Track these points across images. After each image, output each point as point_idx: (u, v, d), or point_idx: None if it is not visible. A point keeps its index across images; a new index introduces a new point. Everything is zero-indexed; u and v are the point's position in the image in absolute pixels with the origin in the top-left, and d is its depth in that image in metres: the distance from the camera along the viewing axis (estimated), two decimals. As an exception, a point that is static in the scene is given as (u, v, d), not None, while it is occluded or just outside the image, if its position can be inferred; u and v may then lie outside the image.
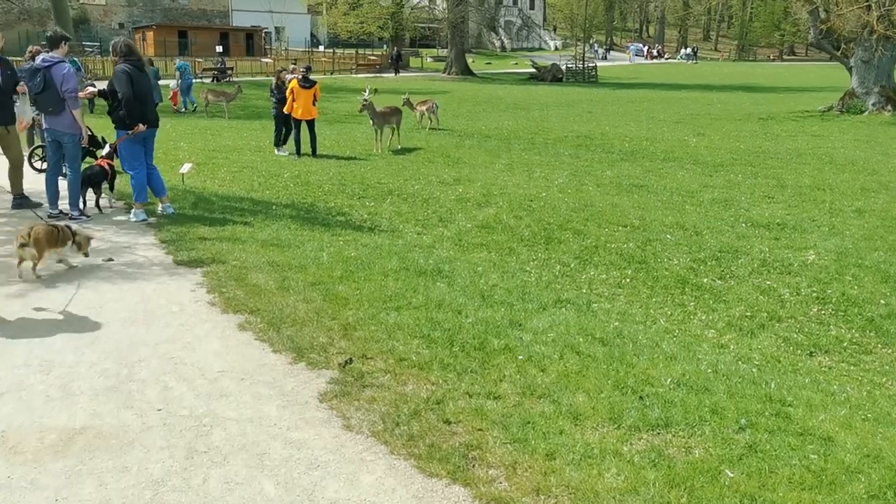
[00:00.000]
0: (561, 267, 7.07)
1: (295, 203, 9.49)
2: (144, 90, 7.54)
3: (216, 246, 6.69)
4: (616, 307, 6.00)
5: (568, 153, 15.41)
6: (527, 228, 8.42)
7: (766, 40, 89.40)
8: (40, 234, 5.67)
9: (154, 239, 7.05)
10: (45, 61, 7.42)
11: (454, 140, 17.10)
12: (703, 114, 25.38)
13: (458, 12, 45.42)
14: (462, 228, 8.44)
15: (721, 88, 40.08)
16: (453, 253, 7.35)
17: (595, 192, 10.80)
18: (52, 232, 5.79)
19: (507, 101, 29.69)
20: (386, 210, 9.30)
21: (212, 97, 21.87)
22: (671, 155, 15.47)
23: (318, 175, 11.70)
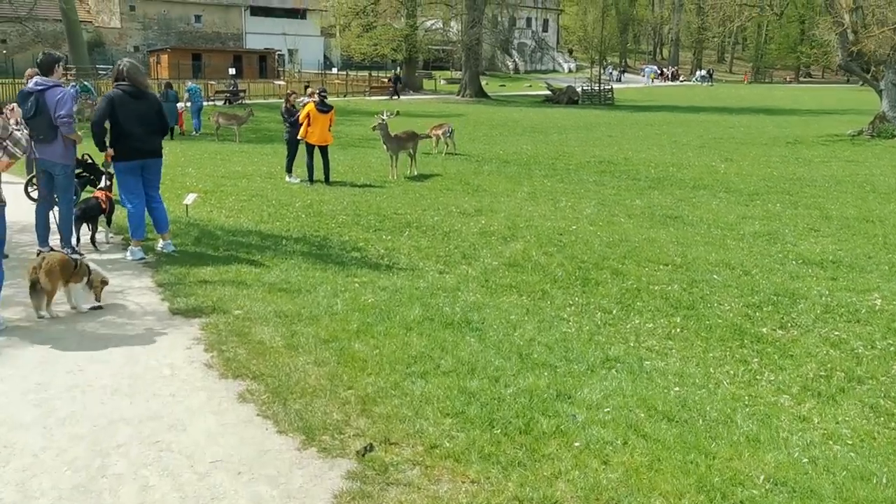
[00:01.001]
0: (602, 314, 6.33)
1: (306, 236, 8.82)
2: (131, 118, 6.89)
3: (218, 291, 6.00)
4: (671, 366, 5.24)
5: (592, 180, 14.71)
6: (559, 267, 7.69)
7: (781, 62, 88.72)
8: (54, 264, 5.21)
9: (150, 281, 6.37)
10: (39, 85, 6.80)
11: (472, 166, 16.45)
12: (727, 137, 24.66)
13: (472, 34, 45.03)
14: (488, 266, 7.72)
15: (740, 111, 39.39)
16: (481, 297, 6.62)
17: (628, 225, 10.07)
18: (68, 263, 5.36)
19: (524, 125, 29.09)
20: (404, 245, 8.61)
21: (223, 120, 21.37)
22: (701, 182, 14.73)
23: (331, 204, 11.04)
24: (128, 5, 55.63)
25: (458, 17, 49.75)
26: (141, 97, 7.10)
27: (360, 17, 50.08)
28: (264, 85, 43.23)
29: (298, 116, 13.77)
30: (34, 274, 5.21)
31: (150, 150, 7.15)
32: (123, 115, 6.92)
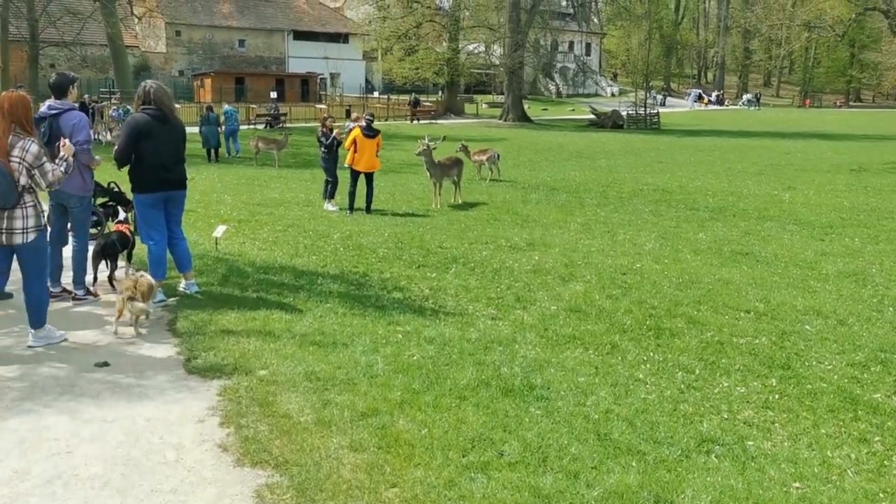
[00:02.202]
0: (683, 374, 5.43)
1: (344, 273, 8.07)
2: (157, 145, 6.23)
3: (242, 344, 5.25)
4: (779, 447, 4.33)
5: (648, 210, 13.78)
6: (627, 314, 6.80)
7: (830, 86, 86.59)
8: (146, 286, 5.63)
9: (166, 331, 5.65)
10: (52, 108, 6.19)
11: (519, 193, 15.63)
12: (785, 164, 23.48)
13: (515, 58, 44.45)
14: (545, 312, 6.87)
15: (793, 136, 37.98)
16: (541, 351, 5.77)
17: (695, 262, 9.13)
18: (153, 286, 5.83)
19: (570, 150, 28.23)
20: (451, 284, 7.80)
21: (262, 145, 20.91)
22: (766, 213, 13.70)
23: (371, 236, 10.31)
24: (173, 30, 56.36)
25: (500, 41, 49.24)
26: (167, 123, 6.45)
27: (402, 41, 49.93)
28: (305, 108, 43.09)
29: (335, 141, 13.16)
30: (131, 293, 5.48)
31: (175, 181, 6.49)
32: (149, 142, 6.27)
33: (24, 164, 4.97)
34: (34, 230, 5.11)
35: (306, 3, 63.66)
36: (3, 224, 5.03)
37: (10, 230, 5.04)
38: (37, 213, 5.11)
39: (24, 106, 5.07)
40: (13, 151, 4.96)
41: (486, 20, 50.57)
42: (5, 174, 4.91)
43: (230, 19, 58.93)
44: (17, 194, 4.99)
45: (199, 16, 57.56)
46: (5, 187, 4.91)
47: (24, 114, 5.03)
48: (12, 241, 5.04)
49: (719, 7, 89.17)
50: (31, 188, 5.10)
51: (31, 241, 5.08)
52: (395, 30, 49.87)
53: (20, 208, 5.02)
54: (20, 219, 5.03)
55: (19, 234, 5.05)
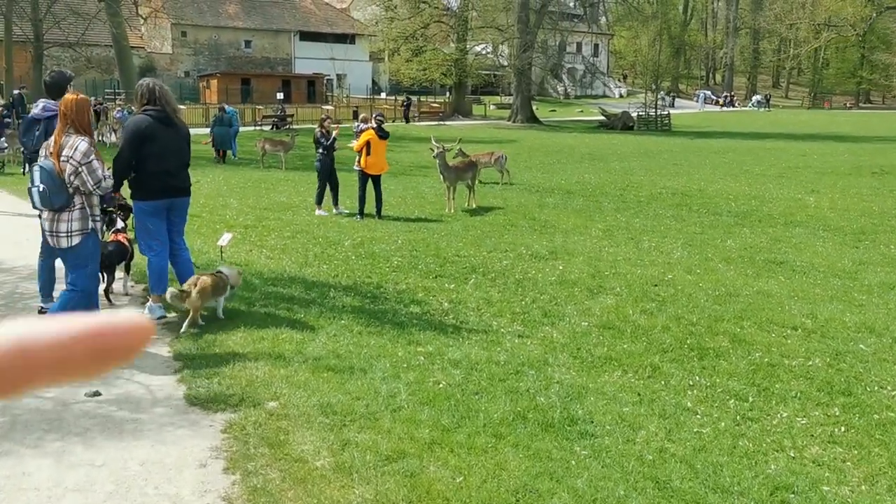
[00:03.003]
0: (737, 403, 4.91)
1: (358, 285, 7.57)
2: (161, 149, 5.74)
3: (249, 369, 4.75)
4: (858, 494, 3.81)
5: (669, 215, 13.25)
6: (665, 331, 6.28)
7: (840, 88, 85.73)
8: (206, 285, 5.63)
9: (166, 353, 5.15)
10: (47, 110, 5.71)
11: (534, 197, 15.11)
12: (803, 166, 22.89)
13: (525, 58, 43.91)
14: (576, 329, 6.36)
15: (806, 138, 37.31)
16: (576, 374, 5.26)
17: (729, 273, 8.60)
18: (218, 283, 5.82)
19: (581, 151, 27.69)
20: (471, 296, 7.29)
21: (269, 147, 20.43)
22: (792, 218, 13.15)
23: (384, 243, 9.81)
24: (179, 31, 55.99)
25: (508, 42, 48.71)
26: (172, 124, 5.96)
27: (409, 42, 49.42)
28: (312, 110, 42.63)
29: (333, 143, 12.65)
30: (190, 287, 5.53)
31: (180, 188, 6.00)
32: (153, 146, 5.77)
33: (71, 162, 4.84)
34: (79, 234, 4.96)
35: (313, 3, 63.24)
36: (53, 226, 4.95)
37: (56, 233, 4.94)
38: (83, 217, 4.97)
39: (82, 108, 4.97)
40: (63, 150, 4.84)
41: (494, 20, 50.06)
42: (53, 174, 4.80)
43: (236, 20, 58.54)
44: (68, 196, 4.85)
45: (205, 16, 57.18)
46: (53, 187, 4.79)
47: (80, 116, 4.93)
48: (59, 243, 4.96)
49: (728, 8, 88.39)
50: (81, 190, 4.94)
51: (75, 244, 4.94)
52: (403, 30, 49.35)
53: (68, 211, 4.91)
54: (66, 221, 4.92)
55: (64, 238, 4.94)
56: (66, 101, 4.94)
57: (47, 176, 4.84)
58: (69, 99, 4.97)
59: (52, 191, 4.83)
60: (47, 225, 5.02)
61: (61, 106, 4.98)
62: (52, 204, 4.86)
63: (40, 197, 4.87)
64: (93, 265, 5.18)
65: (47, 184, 4.83)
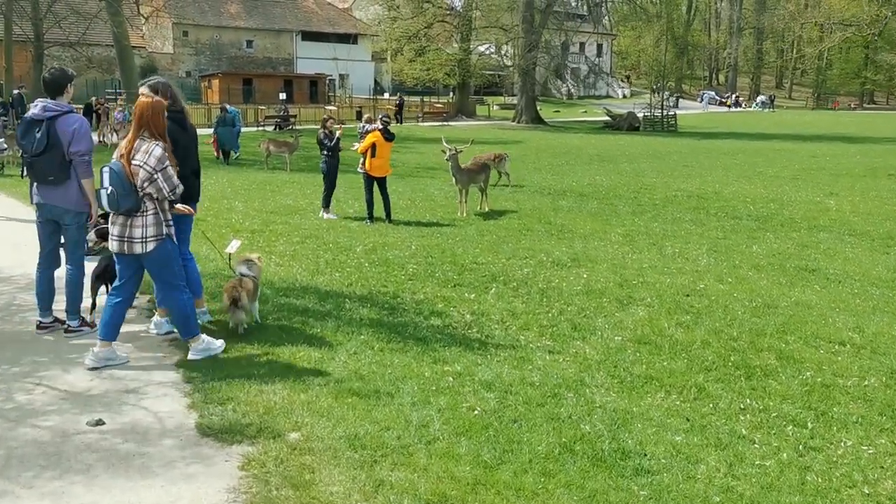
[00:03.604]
0: (795, 430, 4.51)
1: (373, 295, 7.17)
2: (179, 155, 5.34)
3: (266, 393, 4.35)
4: (950, 540, 3.42)
5: (688, 219, 12.86)
6: (705, 347, 5.88)
7: (844, 88, 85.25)
8: (250, 284, 5.66)
9: (176, 374, 4.75)
10: (48, 110, 5.30)
11: (547, 200, 14.73)
12: (816, 168, 22.50)
13: (529, 58, 43.51)
14: (610, 343, 5.96)
15: (814, 139, 36.88)
16: (617, 397, 4.86)
17: (761, 281, 8.20)
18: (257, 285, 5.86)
19: (589, 153, 27.29)
20: (494, 308, 6.89)
21: (273, 147, 20.04)
22: (815, 222, 12.77)
23: (397, 249, 9.41)
24: (181, 31, 55.61)
25: (512, 42, 48.30)
26: (185, 126, 5.59)
27: (412, 42, 49.03)
28: (315, 110, 42.24)
29: (337, 144, 12.29)
30: (235, 292, 5.46)
31: (189, 195, 5.59)
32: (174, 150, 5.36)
33: (146, 168, 4.72)
34: (154, 239, 4.84)
35: (315, 3, 62.86)
36: (124, 231, 4.82)
37: (130, 238, 4.82)
38: (157, 222, 4.86)
39: (158, 112, 4.85)
40: (136, 155, 4.74)
41: (497, 20, 49.65)
42: (123, 177, 4.68)
43: (238, 19, 58.16)
44: (136, 200, 4.73)
45: (207, 16, 56.80)
46: (122, 190, 4.67)
47: (155, 120, 4.82)
48: (133, 249, 4.84)
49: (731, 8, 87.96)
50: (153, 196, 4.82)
51: (150, 250, 4.84)
52: (406, 30, 48.96)
53: (140, 216, 4.79)
54: (139, 227, 4.80)
55: (138, 244, 4.82)
56: (142, 105, 4.80)
57: (116, 178, 4.70)
58: (146, 103, 4.83)
59: (121, 193, 4.69)
60: (117, 230, 4.84)
61: (136, 109, 4.82)
62: (119, 207, 4.72)
63: (108, 199, 4.72)
64: (175, 265, 5.07)
65: (116, 186, 4.69)
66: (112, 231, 4.91)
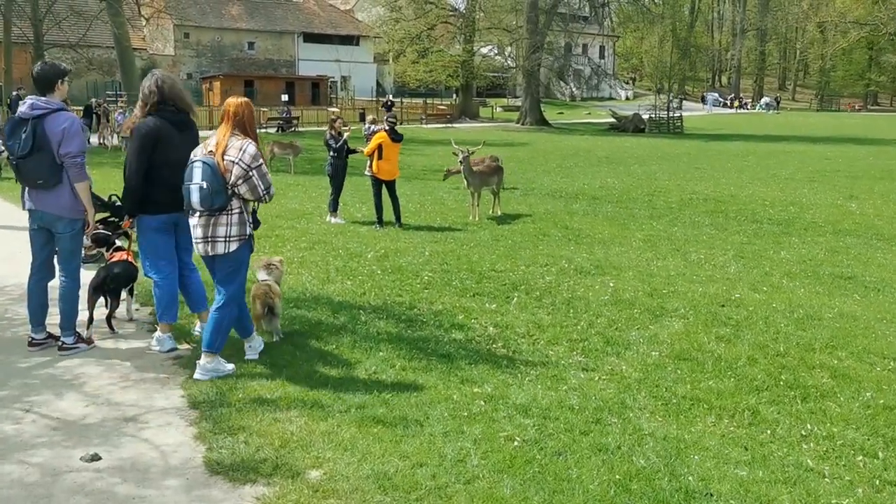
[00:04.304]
0: (867, 460, 4.07)
1: (389, 306, 6.73)
2: (171, 157, 4.91)
3: (282, 423, 3.91)
4: None
5: (708, 223, 12.42)
6: (752, 364, 5.44)
7: (848, 90, 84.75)
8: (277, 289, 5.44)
9: (180, 397, 4.31)
10: (36, 108, 4.86)
11: (560, 203, 14.30)
12: (831, 170, 22.06)
13: (534, 59, 43.08)
14: (647, 360, 5.52)
15: (823, 140, 36.43)
16: (664, 422, 4.42)
17: (798, 291, 7.76)
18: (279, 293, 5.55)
19: (597, 154, 26.85)
20: (518, 319, 6.45)
21: (278, 150, 19.62)
22: (840, 226, 12.34)
23: (409, 255, 8.97)
24: (182, 32, 55.21)
25: (515, 43, 47.89)
26: (187, 127, 5.11)
27: (414, 44, 48.60)
28: (317, 112, 41.83)
29: (346, 145, 11.90)
30: (268, 299, 5.23)
31: None
32: (169, 153, 4.95)
33: (241, 165, 4.58)
34: (237, 239, 4.68)
35: (316, 4, 62.47)
36: (207, 231, 4.63)
37: (213, 238, 4.65)
38: (242, 221, 4.70)
39: (249, 111, 4.77)
40: (229, 151, 4.61)
41: (501, 22, 49.25)
42: (217, 173, 4.53)
43: (239, 21, 57.75)
44: (227, 198, 4.58)
45: (208, 17, 56.40)
46: (217, 185, 4.52)
47: (248, 118, 4.74)
48: (215, 249, 4.66)
49: (734, 9, 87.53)
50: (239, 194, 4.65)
51: (232, 250, 4.67)
52: (408, 32, 48.55)
53: (226, 215, 4.62)
54: (224, 226, 4.64)
55: (221, 243, 4.65)
56: (237, 104, 4.72)
57: (211, 173, 4.50)
58: (242, 101, 4.76)
59: (215, 190, 4.50)
60: (200, 231, 4.64)
61: (228, 107, 4.70)
62: (212, 203, 4.53)
63: (200, 195, 4.51)
64: (244, 272, 4.91)
65: (210, 182, 4.50)
66: (194, 234, 4.69)
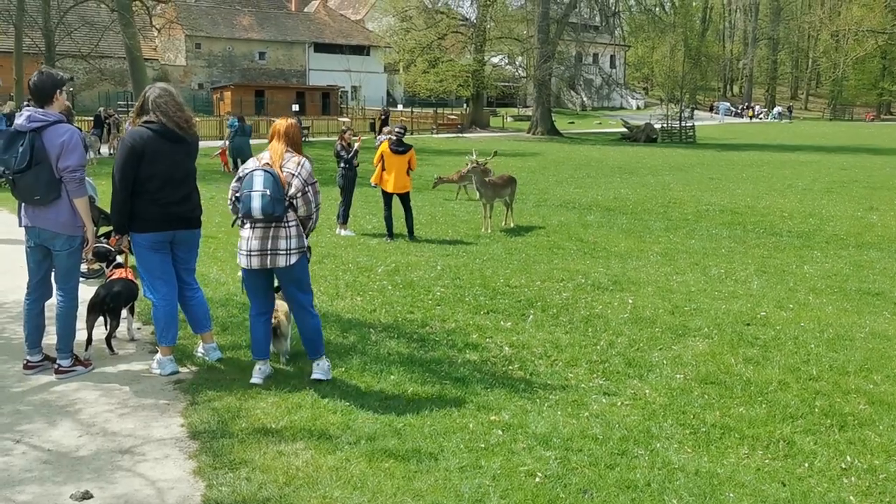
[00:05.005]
0: (916, 500, 3.78)
1: (400, 324, 6.49)
2: (161, 170, 4.69)
3: (286, 456, 3.66)
4: None
5: (725, 235, 12.12)
6: (784, 389, 5.15)
7: (861, 99, 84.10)
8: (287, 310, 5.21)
9: (179, 426, 4.07)
10: (33, 120, 4.65)
11: (574, 215, 14.03)
12: (848, 181, 21.69)
13: (545, 69, 42.88)
14: (671, 383, 5.24)
15: (837, 150, 36.03)
16: (694, 454, 4.14)
17: (827, 309, 7.45)
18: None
19: (609, 165, 26.57)
20: (535, 339, 6.19)
21: (286, 160, 19.44)
22: (862, 239, 12.01)
23: (421, 270, 8.74)
24: (193, 43, 55.38)
25: (526, 53, 47.72)
26: (176, 140, 4.85)
27: (425, 54, 48.51)
28: (328, 122, 41.75)
29: (356, 156, 11.74)
30: (274, 319, 5.08)
31: (185, 218, 4.91)
32: (152, 166, 4.72)
33: (299, 178, 4.69)
34: (297, 252, 4.72)
35: (327, 15, 62.58)
36: (266, 244, 4.63)
37: (275, 251, 4.64)
38: (299, 234, 4.75)
39: (297, 131, 4.93)
40: (287, 164, 4.71)
41: (511, 31, 49.12)
42: (279, 183, 4.58)
43: (250, 31, 57.89)
44: (284, 209, 4.62)
45: (219, 28, 56.56)
46: (278, 194, 4.55)
47: (297, 138, 4.89)
48: (276, 262, 4.66)
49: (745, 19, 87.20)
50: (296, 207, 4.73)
51: (293, 263, 4.69)
52: (419, 42, 48.48)
53: (284, 227, 4.65)
54: (284, 238, 4.65)
55: (283, 256, 4.66)
56: (285, 124, 4.85)
57: (272, 182, 4.53)
58: (289, 122, 4.89)
59: (276, 198, 4.53)
60: (257, 243, 4.63)
61: (280, 127, 4.82)
62: (273, 211, 4.53)
63: (263, 202, 4.50)
64: (309, 280, 4.98)
65: (273, 191, 4.51)
66: (251, 245, 4.65)
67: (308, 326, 4.86)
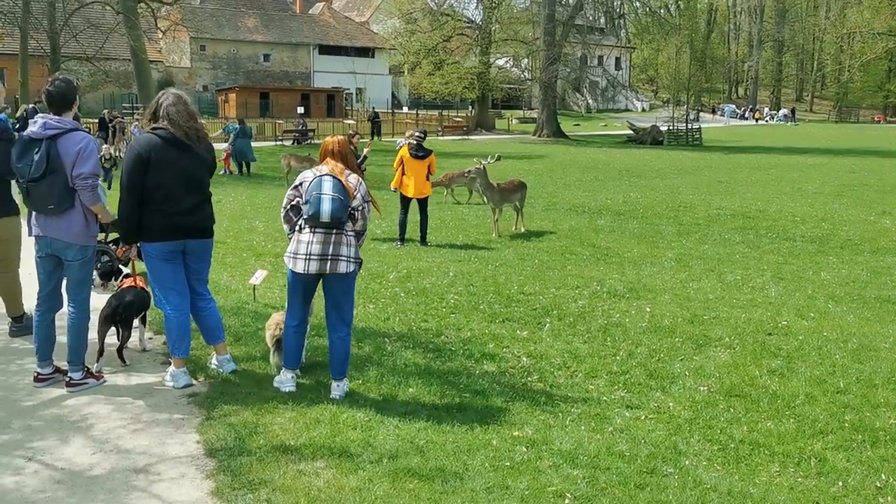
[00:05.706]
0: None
1: (414, 333, 6.38)
2: (170, 178, 4.59)
3: (307, 476, 3.55)
4: None
5: (738, 240, 11.99)
6: (811, 403, 5.02)
7: (867, 101, 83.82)
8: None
9: (195, 443, 3.95)
10: (49, 128, 4.54)
11: (584, 219, 13.90)
12: (858, 184, 21.52)
13: (550, 71, 42.76)
14: (695, 396, 5.11)
15: (845, 153, 35.86)
16: (724, 472, 4.01)
17: (849, 317, 7.31)
18: None
19: (616, 167, 26.43)
20: (552, 348, 6.07)
21: (294, 163, 19.34)
22: (877, 245, 11.86)
23: (434, 276, 8.63)
24: (198, 45, 55.40)
25: (532, 55, 47.61)
26: (186, 149, 4.70)
27: (430, 56, 48.40)
28: (333, 124, 41.67)
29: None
30: (277, 331, 5.03)
31: (196, 228, 4.80)
32: (160, 174, 4.60)
33: (360, 192, 4.72)
34: (356, 261, 4.76)
35: (332, 17, 62.56)
36: (328, 248, 4.62)
37: (336, 256, 4.65)
38: (357, 245, 4.80)
39: (350, 151, 4.94)
40: (350, 178, 4.71)
41: (516, 33, 49.00)
42: (346, 191, 4.59)
43: (255, 33, 57.89)
44: (347, 217, 4.65)
45: (224, 30, 56.57)
46: (347, 201, 4.59)
47: (351, 159, 4.90)
48: (337, 268, 4.66)
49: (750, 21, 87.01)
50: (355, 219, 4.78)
51: (351, 271, 4.73)
52: (424, 44, 48.36)
53: (345, 234, 4.67)
54: (346, 245, 4.67)
55: (344, 262, 4.67)
56: (335, 142, 4.83)
57: (341, 189, 4.57)
58: (338, 140, 4.87)
59: (345, 205, 4.58)
60: (319, 248, 4.60)
61: (332, 146, 4.80)
62: (341, 217, 4.56)
63: (333, 206, 4.51)
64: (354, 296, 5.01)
65: (342, 196, 4.55)
66: (311, 249, 4.60)
67: (345, 344, 4.84)
